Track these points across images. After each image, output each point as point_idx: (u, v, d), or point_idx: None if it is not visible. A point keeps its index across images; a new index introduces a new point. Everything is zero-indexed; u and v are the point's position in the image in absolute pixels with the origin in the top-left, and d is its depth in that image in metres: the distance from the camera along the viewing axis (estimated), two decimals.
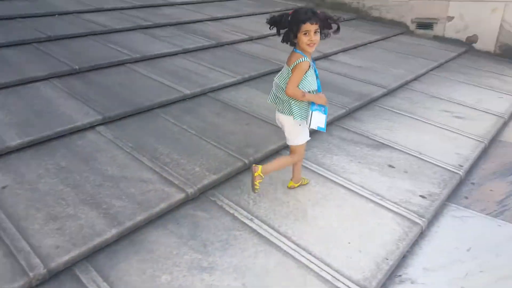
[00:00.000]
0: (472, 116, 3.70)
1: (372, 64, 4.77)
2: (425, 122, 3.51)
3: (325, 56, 4.90)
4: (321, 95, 2.09)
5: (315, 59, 4.85)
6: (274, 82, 2.18)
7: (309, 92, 2.04)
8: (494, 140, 3.42)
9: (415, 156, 2.91)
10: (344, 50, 5.19)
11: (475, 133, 3.34)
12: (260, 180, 2.13)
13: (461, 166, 2.81)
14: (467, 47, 5.92)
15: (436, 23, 6.17)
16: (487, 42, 5.80)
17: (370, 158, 2.84)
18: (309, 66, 2.01)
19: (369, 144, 3.05)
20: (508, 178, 2.84)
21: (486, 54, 5.83)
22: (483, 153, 3.16)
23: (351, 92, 3.89)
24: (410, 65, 4.87)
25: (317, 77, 2.10)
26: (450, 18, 6.02)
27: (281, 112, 2.14)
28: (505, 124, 3.72)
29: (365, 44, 5.57)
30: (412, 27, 6.45)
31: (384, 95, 4.00)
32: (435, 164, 2.81)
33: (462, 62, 5.40)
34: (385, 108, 3.73)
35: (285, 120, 2.15)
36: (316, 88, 2.09)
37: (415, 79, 4.54)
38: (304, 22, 1.91)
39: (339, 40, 5.47)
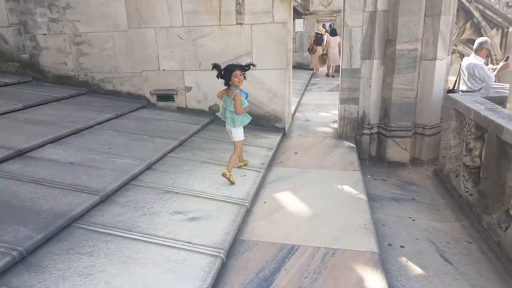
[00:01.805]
0: (210, 212, 2.94)
1: (91, 156, 3.59)
2: (147, 241, 2.48)
3: (20, 153, 3.43)
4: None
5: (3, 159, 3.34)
6: (224, 108, 3.54)
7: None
8: (235, 242, 2.69)
9: None
10: (55, 140, 3.85)
11: (211, 243, 2.52)
12: (231, 177, 3.45)
13: None
14: (212, 117, 5.58)
15: (176, 94, 5.66)
16: None
17: None
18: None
19: None
20: None
21: None
22: (221, 273, 2.34)
23: (39, 214, 2.54)
24: (144, 149, 3.95)
25: (246, 97, 3.54)
26: (189, 89, 5.61)
27: (231, 125, 3.54)
28: (248, 213, 3.11)
29: (91, 127, 4.40)
30: (153, 99, 5.75)
31: (96, 204, 2.83)
32: None
33: (206, 135, 4.91)
34: (92, 229, 2.54)
35: (233, 129, 3.55)
36: (248, 105, 3.58)
37: (148, 168, 3.60)
38: (234, 71, 3.39)
39: (51, 126, 4.13)
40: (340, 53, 12.20)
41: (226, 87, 3.47)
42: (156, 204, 2.95)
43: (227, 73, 3.38)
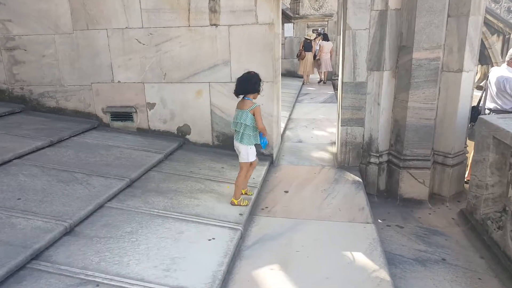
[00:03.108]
0: None
1: None
2: None
3: None
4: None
5: None
6: (236, 122, 3.00)
7: None
8: None
9: None
10: None
11: None
12: (242, 202, 3.10)
13: None
14: (181, 141, 4.45)
15: (136, 112, 4.51)
16: (202, 132, 4.48)
17: None
18: None
19: None
20: None
21: (204, 148, 4.48)
22: None
23: None
24: (71, 198, 2.79)
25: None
26: (151, 105, 4.47)
27: (239, 142, 2.99)
28: None
29: (7, 162, 3.23)
30: (106, 118, 4.59)
31: None
32: None
33: (170, 168, 3.77)
34: None
35: (241, 146, 3.01)
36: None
37: (68, 231, 2.44)
38: (261, 80, 3.01)
39: None
40: (331, 59, 12.09)
41: (241, 98, 3.05)
42: None
43: (258, 80, 2.96)
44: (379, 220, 3.70)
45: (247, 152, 3.04)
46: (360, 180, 3.96)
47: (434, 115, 3.95)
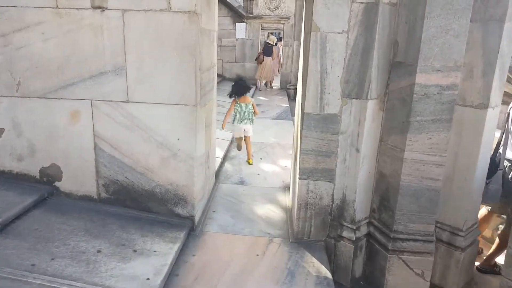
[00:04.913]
0: None
1: None
2: None
3: None
4: None
5: None
6: (244, 112, 4.43)
7: None
8: None
9: None
10: None
11: None
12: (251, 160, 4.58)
13: None
14: (45, 191, 2.74)
15: None
16: (81, 178, 2.79)
17: None
18: None
19: None
20: None
21: (84, 204, 2.79)
22: None
23: None
24: None
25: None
26: None
27: (249, 124, 4.48)
28: None
29: None
30: None
31: None
32: None
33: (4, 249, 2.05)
34: None
35: (250, 126, 4.51)
36: None
37: None
38: None
39: None
40: (279, 65, 11.46)
41: (236, 96, 4.46)
42: None
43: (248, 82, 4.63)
44: None
45: (252, 129, 4.57)
46: (328, 272, 2.47)
47: (442, 172, 2.56)
